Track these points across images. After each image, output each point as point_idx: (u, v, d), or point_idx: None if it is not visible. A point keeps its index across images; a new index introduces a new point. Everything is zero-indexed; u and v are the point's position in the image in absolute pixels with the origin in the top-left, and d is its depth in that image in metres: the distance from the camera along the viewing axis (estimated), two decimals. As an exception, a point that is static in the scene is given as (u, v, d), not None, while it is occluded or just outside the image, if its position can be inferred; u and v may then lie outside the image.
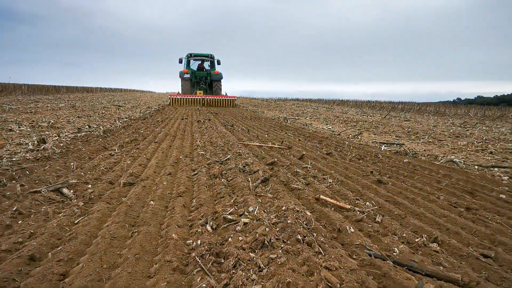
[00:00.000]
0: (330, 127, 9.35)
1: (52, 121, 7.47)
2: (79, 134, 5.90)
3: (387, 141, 6.85)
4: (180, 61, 19.07)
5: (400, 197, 2.97)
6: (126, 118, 9.54)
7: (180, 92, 18.84)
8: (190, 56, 19.29)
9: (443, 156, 5.13)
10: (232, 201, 2.58)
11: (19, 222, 2.16)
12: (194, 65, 19.83)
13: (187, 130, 7.33)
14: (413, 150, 5.76)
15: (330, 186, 3.16)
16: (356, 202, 2.75)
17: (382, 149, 5.74)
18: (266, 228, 2.06)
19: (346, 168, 4.04)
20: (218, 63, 19.59)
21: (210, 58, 19.51)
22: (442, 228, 2.30)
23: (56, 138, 5.27)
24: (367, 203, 2.74)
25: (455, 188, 3.31)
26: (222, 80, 19.11)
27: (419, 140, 7.28)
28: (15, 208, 2.29)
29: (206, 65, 19.91)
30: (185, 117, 10.50)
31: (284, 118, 11.73)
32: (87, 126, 7.03)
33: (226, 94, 19.28)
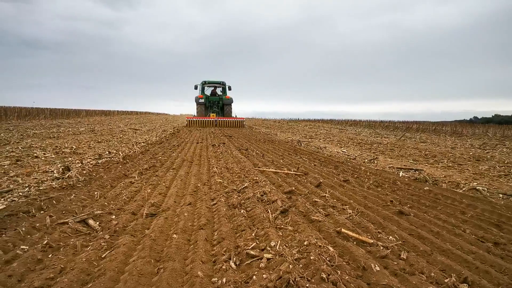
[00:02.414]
0: (345, 151, 9.28)
1: (74, 147, 7.76)
2: (100, 161, 6.09)
3: (404, 165, 6.74)
4: (196, 87, 21.92)
5: (424, 230, 2.90)
6: (143, 142, 9.79)
7: (196, 114, 21.60)
8: (204, 83, 22.20)
9: (465, 183, 5.00)
10: (253, 234, 2.59)
11: (50, 256, 2.23)
12: (208, 90, 22.45)
13: (203, 155, 7.44)
14: (433, 176, 5.64)
15: (350, 218, 3.12)
16: (379, 235, 2.70)
17: (400, 175, 5.65)
18: (290, 265, 2.06)
19: (365, 197, 3.99)
20: (229, 88, 22.31)
21: (222, 84, 22.30)
22: (471, 266, 2.23)
23: (80, 165, 5.46)
24: (390, 237, 2.69)
25: (480, 220, 3.21)
26: (232, 104, 21.82)
27: (438, 164, 7.13)
28: (45, 241, 2.38)
29: (219, 90, 22.55)
30: (200, 141, 10.68)
31: (297, 141, 11.75)
32: (107, 152, 7.24)
33: (236, 116, 21.91)
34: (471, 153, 9.11)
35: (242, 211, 3.16)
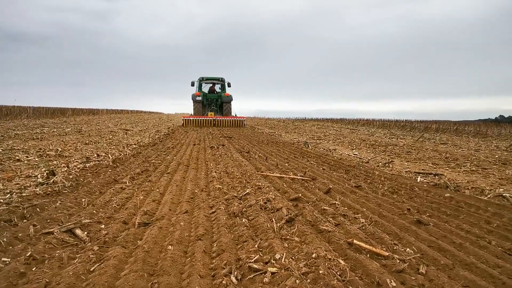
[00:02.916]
0: (356, 153, 9.28)
1: (60, 149, 7.81)
2: (87, 164, 6.13)
3: (423, 170, 6.73)
4: (193, 84, 22.03)
5: (445, 241, 2.90)
6: (134, 144, 9.84)
7: (192, 113, 21.83)
8: (202, 79, 22.40)
9: (490, 190, 4.98)
10: (256, 246, 2.60)
11: (33, 269, 2.25)
12: (206, 88, 22.69)
13: (200, 158, 7.48)
14: (455, 181, 5.63)
15: (363, 227, 3.12)
16: (394, 247, 2.70)
17: (418, 180, 5.64)
18: (296, 280, 2.07)
19: (379, 204, 3.98)
20: (229, 85, 22.46)
21: (221, 81, 22.48)
22: (497, 282, 2.22)
23: (65, 169, 5.50)
24: (407, 249, 2.69)
25: (508, 231, 3.20)
26: (232, 102, 22.04)
27: (460, 168, 7.11)
28: (29, 253, 2.39)
29: (217, 87, 22.79)
30: (197, 143, 10.72)
31: (304, 142, 11.77)
32: (95, 155, 7.29)
33: (235, 115, 22.19)
34: (496, 156, 9.07)
35: (243, 220, 3.17)
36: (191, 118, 19.66)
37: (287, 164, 6.76)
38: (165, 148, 9.03)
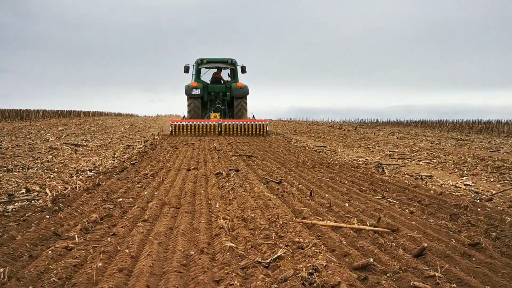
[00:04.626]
0: (470, 183, 9.04)
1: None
2: (9, 207, 6.23)
3: None
4: (187, 70, 22.51)
5: None
6: (89, 170, 9.99)
7: (186, 115, 22.47)
8: (201, 62, 22.67)
9: None
10: None
11: None
12: (208, 75, 23.45)
13: (199, 192, 7.50)
14: None
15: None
16: None
17: None
18: None
19: (516, 278, 3.80)
20: (243, 70, 22.99)
21: (230, 64, 22.96)
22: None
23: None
24: None
25: None
26: (248, 96, 22.63)
27: None
28: None
29: (225, 74, 23.60)
30: (193, 166, 10.82)
31: (377, 164, 11.65)
32: (23, 190, 7.44)
33: (253, 117, 23.07)
34: None
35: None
36: (183, 123, 20.36)
37: (347, 204, 6.65)
38: (140, 176, 9.09)
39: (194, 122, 20.38)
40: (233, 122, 20.77)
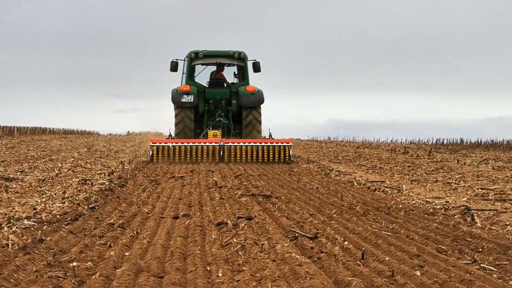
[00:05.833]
0: None
1: None
2: None
3: None
4: (175, 68, 19.14)
5: None
6: (27, 218, 8.35)
7: (173, 134, 19.24)
8: (195, 57, 19.51)
9: None
10: None
11: None
12: (204, 74, 20.00)
13: (192, 253, 6.21)
14: None
15: None
16: None
17: None
18: None
19: None
20: (256, 68, 19.51)
21: (237, 59, 19.62)
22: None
23: None
24: None
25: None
26: (263, 106, 19.20)
27: None
28: None
29: (230, 74, 20.20)
30: (182, 212, 9.43)
31: (464, 209, 9.91)
32: None
33: (270, 136, 19.62)
34: None
35: None
36: (169, 145, 17.67)
37: (418, 273, 5.36)
38: (103, 228, 7.77)
39: (185, 143, 17.47)
40: (241, 143, 17.67)
